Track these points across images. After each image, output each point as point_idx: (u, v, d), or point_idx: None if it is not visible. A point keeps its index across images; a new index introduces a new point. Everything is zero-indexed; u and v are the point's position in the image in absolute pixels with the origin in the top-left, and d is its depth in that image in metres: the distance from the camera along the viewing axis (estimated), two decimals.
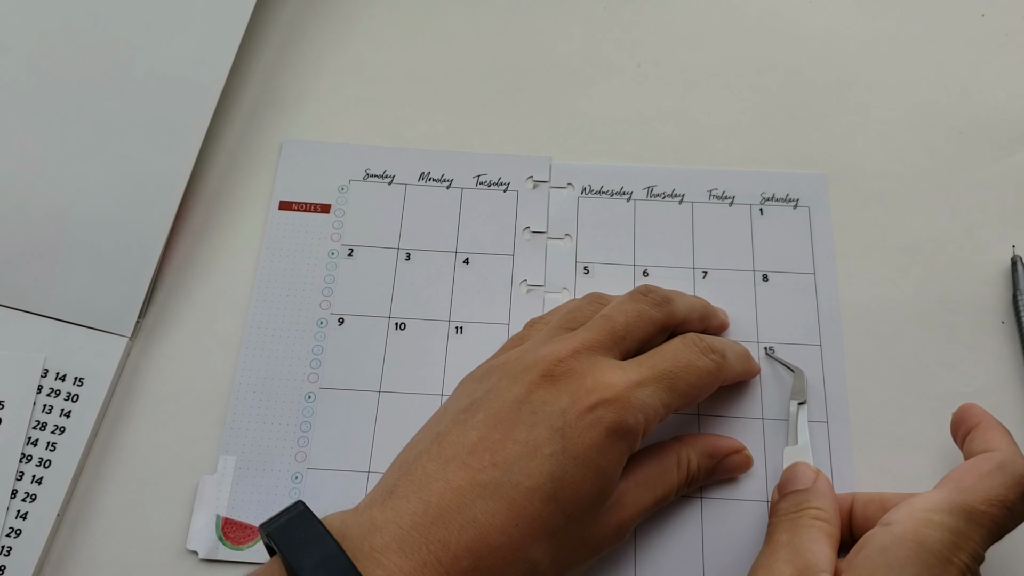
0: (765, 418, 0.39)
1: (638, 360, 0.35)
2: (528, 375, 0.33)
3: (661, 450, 0.36)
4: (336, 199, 0.45)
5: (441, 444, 0.32)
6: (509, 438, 0.31)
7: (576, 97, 0.48)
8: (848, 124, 0.47)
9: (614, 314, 0.36)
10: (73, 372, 0.40)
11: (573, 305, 0.38)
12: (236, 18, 0.45)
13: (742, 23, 0.50)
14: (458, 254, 0.43)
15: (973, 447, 0.34)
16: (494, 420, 0.32)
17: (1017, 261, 0.42)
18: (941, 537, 0.30)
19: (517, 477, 0.30)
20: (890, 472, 0.39)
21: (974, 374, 0.40)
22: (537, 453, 0.31)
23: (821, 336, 0.41)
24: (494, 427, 0.32)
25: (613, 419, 0.32)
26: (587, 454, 0.31)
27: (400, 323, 0.42)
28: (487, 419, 0.32)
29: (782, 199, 0.44)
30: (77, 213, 0.42)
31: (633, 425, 0.32)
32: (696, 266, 0.43)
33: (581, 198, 0.45)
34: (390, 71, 0.48)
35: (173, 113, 0.43)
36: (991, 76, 0.48)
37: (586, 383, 0.33)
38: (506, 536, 0.30)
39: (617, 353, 0.35)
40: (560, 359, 0.33)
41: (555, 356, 0.33)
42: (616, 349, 0.35)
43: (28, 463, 0.38)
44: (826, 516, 0.33)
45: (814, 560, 0.31)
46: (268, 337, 0.41)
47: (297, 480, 0.39)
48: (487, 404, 0.33)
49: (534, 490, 0.30)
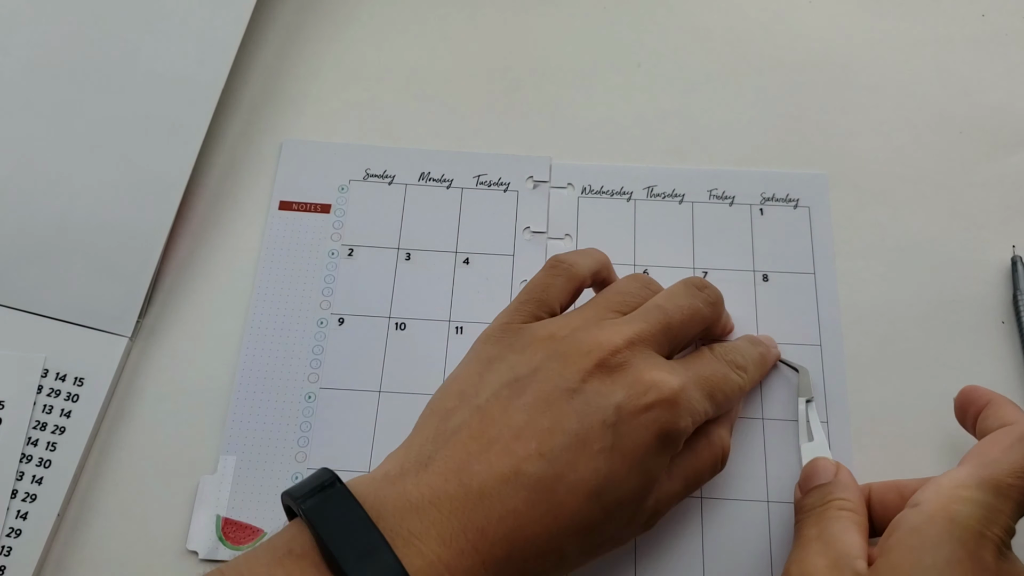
0: (765, 418, 0.39)
1: (684, 363, 0.34)
2: (582, 361, 0.32)
3: (696, 444, 0.35)
4: (336, 199, 0.45)
5: (483, 421, 0.31)
6: (558, 428, 0.30)
7: (576, 97, 0.48)
8: (848, 124, 0.47)
9: (670, 308, 0.35)
10: (73, 372, 0.40)
11: (623, 286, 0.37)
12: (236, 18, 0.45)
13: (742, 23, 0.50)
14: (458, 254, 0.43)
15: (988, 424, 0.34)
16: (543, 405, 0.31)
17: (1017, 261, 0.42)
18: (973, 512, 0.29)
19: (563, 470, 0.30)
20: (890, 472, 0.38)
21: (974, 374, 0.40)
22: (586, 448, 0.30)
23: (821, 336, 0.41)
24: (543, 412, 0.31)
25: (667, 421, 0.31)
26: (637, 454, 0.31)
27: (400, 323, 0.42)
28: (535, 403, 0.31)
29: (782, 199, 0.44)
30: (77, 213, 0.42)
31: (683, 429, 0.32)
32: (696, 266, 0.43)
33: (581, 198, 0.45)
34: (390, 72, 0.48)
35: (173, 113, 0.43)
36: (991, 76, 0.48)
37: (644, 379, 0.32)
38: (544, 528, 0.29)
39: (667, 349, 0.34)
40: (617, 349, 0.32)
41: (612, 345, 0.32)
42: (667, 345, 0.34)
43: (28, 463, 0.38)
44: (852, 505, 0.33)
45: (845, 549, 0.31)
46: (268, 337, 0.41)
47: (297, 480, 0.38)
48: (535, 386, 0.31)
49: (579, 485, 0.30)
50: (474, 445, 0.30)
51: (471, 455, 0.30)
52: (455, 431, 0.31)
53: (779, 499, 0.38)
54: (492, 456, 0.30)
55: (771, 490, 0.38)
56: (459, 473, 0.29)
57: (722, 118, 0.47)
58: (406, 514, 0.28)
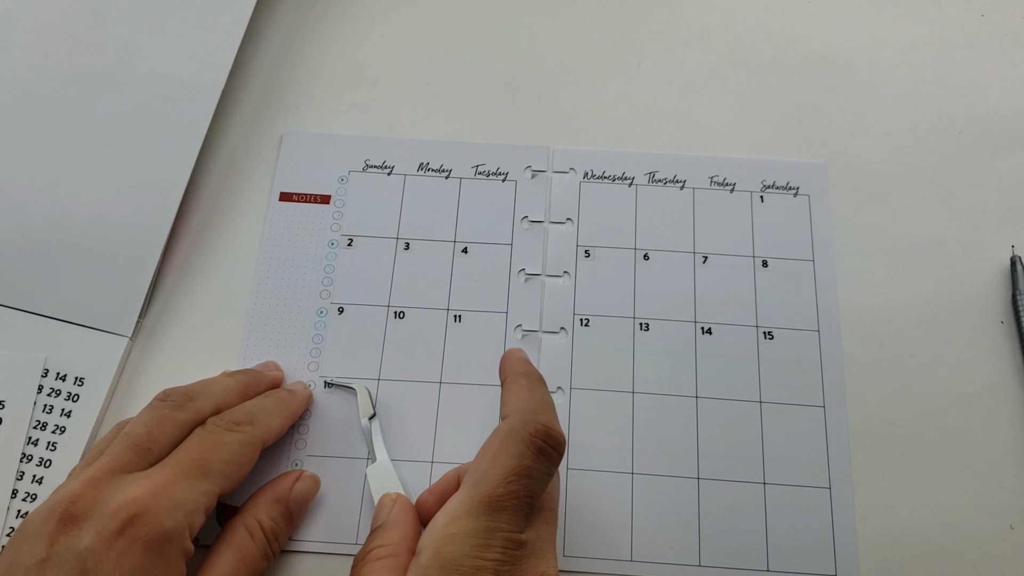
0: (763, 401, 0.40)
1: (163, 463, 0.33)
2: (46, 527, 0.29)
3: (227, 531, 0.35)
4: (336, 190, 0.45)
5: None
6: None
7: (576, 97, 0.48)
8: (847, 124, 0.47)
9: (132, 428, 0.33)
10: (73, 372, 0.40)
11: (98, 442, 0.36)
12: (236, 18, 0.45)
13: (742, 23, 0.50)
14: (457, 243, 0.44)
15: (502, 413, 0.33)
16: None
17: (1017, 261, 0.42)
18: (462, 548, 0.29)
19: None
20: (890, 471, 0.39)
21: (974, 374, 0.40)
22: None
23: (819, 322, 0.42)
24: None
25: (147, 532, 0.30)
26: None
27: (399, 312, 0.42)
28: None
29: (782, 187, 0.45)
30: (77, 213, 0.42)
31: (173, 527, 0.30)
32: (696, 251, 0.43)
33: (583, 183, 0.45)
34: (390, 71, 0.48)
35: (173, 113, 0.43)
36: (991, 76, 0.48)
37: (110, 508, 0.30)
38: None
39: (143, 465, 0.32)
40: (77, 495, 0.30)
41: (71, 494, 0.30)
42: (143, 462, 0.32)
43: (28, 463, 0.38)
44: (387, 551, 0.33)
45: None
46: (269, 327, 0.42)
47: (296, 467, 0.39)
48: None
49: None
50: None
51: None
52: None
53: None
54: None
55: (767, 473, 0.38)
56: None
57: (722, 118, 0.47)
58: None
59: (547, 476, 0.31)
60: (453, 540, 0.29)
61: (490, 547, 0.29)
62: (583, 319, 0.42)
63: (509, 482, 0.30)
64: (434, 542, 0.29)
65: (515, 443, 0.30)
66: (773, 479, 0.38)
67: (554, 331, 0.41)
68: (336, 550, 0.37)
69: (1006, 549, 0.37)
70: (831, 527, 0.38)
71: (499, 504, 0.29)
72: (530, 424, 0.31)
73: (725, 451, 0.39)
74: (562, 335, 0.41)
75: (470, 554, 0.29)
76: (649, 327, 0.41)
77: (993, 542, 0.37)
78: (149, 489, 0.31)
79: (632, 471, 0.39)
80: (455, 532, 0.29)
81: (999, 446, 0.39)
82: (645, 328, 0.41)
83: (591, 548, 0.37)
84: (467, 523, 0.29)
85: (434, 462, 0.39)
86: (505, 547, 0.29)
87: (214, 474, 0.33)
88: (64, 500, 0.30)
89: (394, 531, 0.34)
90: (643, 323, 0.41)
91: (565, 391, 0.40)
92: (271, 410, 0.37)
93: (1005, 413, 0.40)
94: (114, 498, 0.30)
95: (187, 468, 0.32)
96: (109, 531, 0.29)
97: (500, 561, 0.29)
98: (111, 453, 0.32)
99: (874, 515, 0.38)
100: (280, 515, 0.36)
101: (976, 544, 0.37)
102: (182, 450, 0.33)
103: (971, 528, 0.38)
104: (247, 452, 0.35)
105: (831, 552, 0.37)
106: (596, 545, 0.37)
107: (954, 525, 0.38)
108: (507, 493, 0.30)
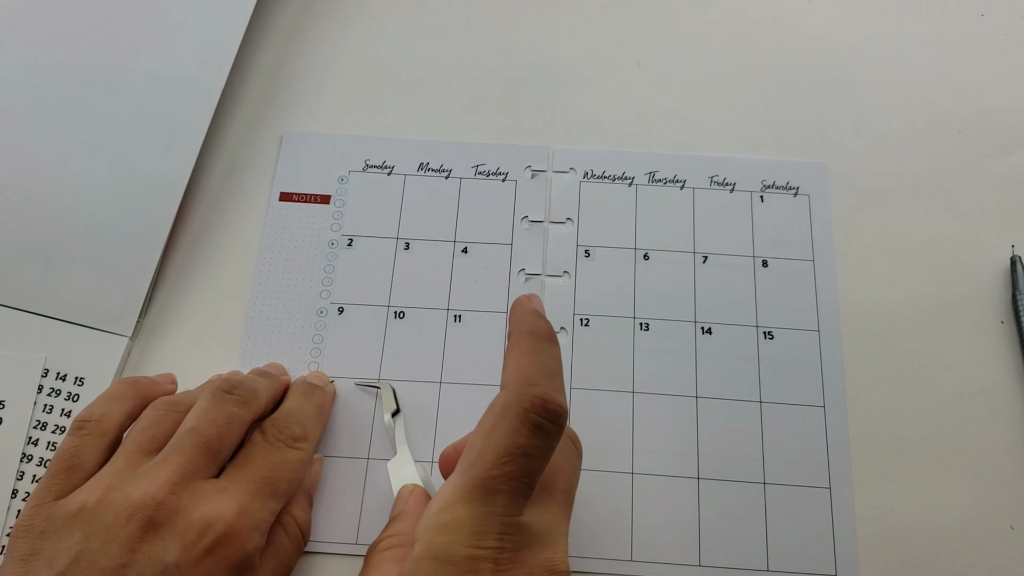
0: (763, 401, 0.40)
1: (235, 475, 0.32)
2: (125, 530, 0.29)
3: (270, 535, 0.34)
4: (336, 190, 0.45)
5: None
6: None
7: (576, 97, 0.48)
8: (847, 124, 0.47)
9: (202, 426, 0.32)
10: (74, 372, 0.40)
11: (146, 419, 0.34)
12: (236, 18, 0.45)
13: (742, 23, 0.50)
14: (457, 243, 0.44)
15: (501, 383, 0.30)
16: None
17: (1017, 261, 0.42)
18: (455, 539, 0.27)
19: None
20: (890, 471, 0.39)
21: (974, 374, 0.40)
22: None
23: (819, 322, 0.42)
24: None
25: (232, 554, 0.30)
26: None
27: (399, 312, 0.42)
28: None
29: (782, 187, 0.45)
30: (77, 213, 0.41)
31: (252, 550, 0.31)
32: (696, 251, 0.43)
33: (583, 182, 0.45)
34: (390, 71, 0.48)
35: (173, 113, 0.43)
36: (991, 76, 0.48)
37: (195, 522, 0.29)
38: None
39: (214, 468, 0.32)
40: (159, 503, 0.29)
41: (151, 499, 0.29)
42: (213, 466, 0.32)
43: (28, 463, 0.38)
44: (397, 541, 0.32)
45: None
46: (269, 327, 0.42)
47: None
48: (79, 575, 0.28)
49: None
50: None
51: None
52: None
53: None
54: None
55: (768, 473, 0.38)
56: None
57: (722, 118, 0.47)
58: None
59: (546, 452, 0.28)
60: (446, 529, 0.27)
61: (486, 534, 0.27)
62: (583, 319, 0.42)
63: (504, 463, 0.27)
64: (427, 532, 0.27)
65: (509, 419, 0.28)
66: (773, 479, 0.38)
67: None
68: (337, 550, 0.37)
69: (1006, 549, 0.37)
70: (831, 527, 0.38)
71: (494, 487, 0.27)
72: (525, 397, 0.28)
73: (725, 451, 0.39)
74: (562, 335, 0.41)
75: (465, 543, 0.26)
76: (649, 327, 0.41)
77: (993, 542, 0.37)
78: (233, 508, 0.30)
79: (632, 471, 0.39)
80: (448, 521, 0.27)
81: (999, 446, 0.39)
82: (645, 328, 0.41)
83: (591, 548, 0.37)
84: (460, 510, 0.27)
85: (434, 462, 0.39)
86: (503, 533, 0.27)
87: (281, 494, 0.33)
88: (147, 504, 0.29)
89: (406, 522, 0.33)
90: (643, 323, 0.41)
91: (565, 391, 0.40)
92: (315, 419, 0.37)
93: (1005, 413, 0.40)
94: (197, 510, 0.30)
95: (260, 486, 0.32)
96: (198, 549, 0.29)
97: (498, 549, 0.26)
98: (184, 453, 0.31)
99: (874, 515, 0.38)
100: (307, 504, 0.37)
101: (976, 544, 0.37)
102: (253, 464, 0.33)
103: (971, 528, 0.38)
104: (304, 470, 0.35)
105: (831, 552, 0.37)
106: (596, 545, 0.37)
107: (954, 525, 0.38)
108: (502, 475, 0.27)
